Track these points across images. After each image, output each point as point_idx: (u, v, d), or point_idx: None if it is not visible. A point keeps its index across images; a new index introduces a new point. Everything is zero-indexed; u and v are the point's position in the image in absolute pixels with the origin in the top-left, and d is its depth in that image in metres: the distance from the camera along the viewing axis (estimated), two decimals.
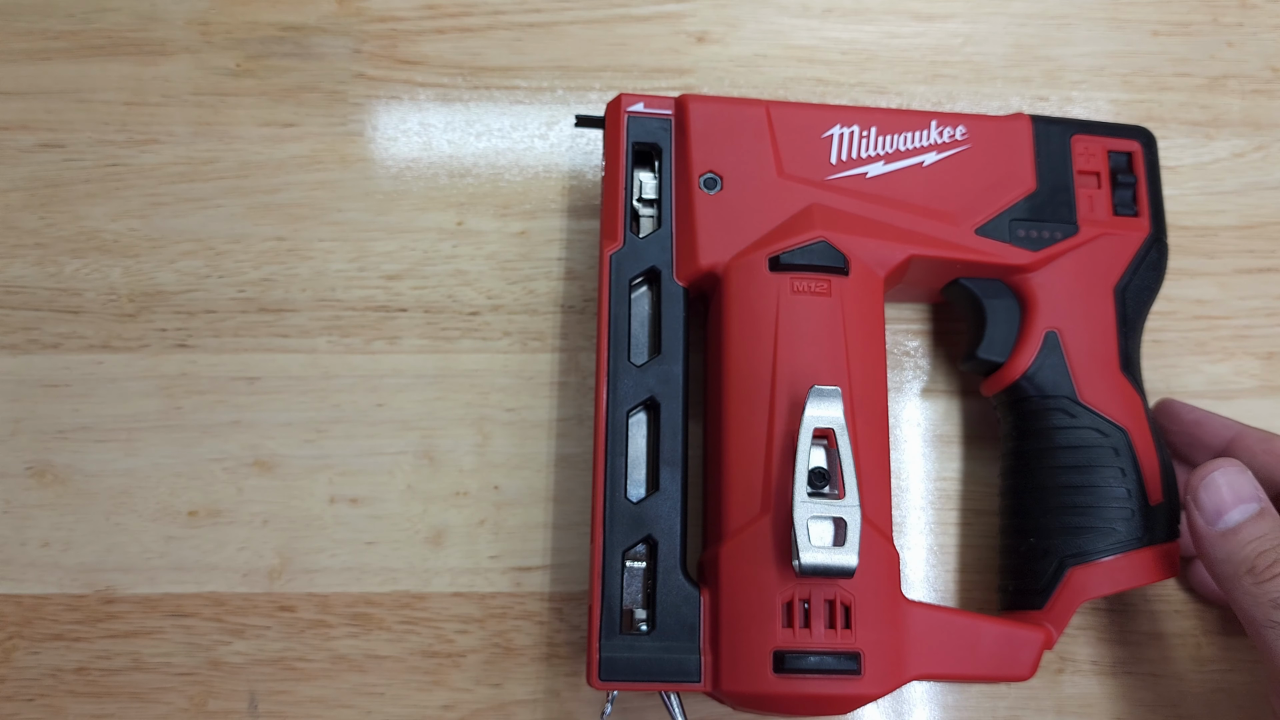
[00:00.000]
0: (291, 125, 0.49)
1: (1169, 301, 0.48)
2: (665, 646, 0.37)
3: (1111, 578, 0.40)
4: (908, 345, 0.48)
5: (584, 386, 0.46)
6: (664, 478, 0.39)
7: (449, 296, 0.47)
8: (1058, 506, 0.40)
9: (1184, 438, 0.44)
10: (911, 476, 0.46)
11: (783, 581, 0.36)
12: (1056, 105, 0.51)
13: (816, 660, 0.35)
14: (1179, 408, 0.44)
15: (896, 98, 0.50)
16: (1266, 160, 0.50)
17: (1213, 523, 0.37)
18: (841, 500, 0.35)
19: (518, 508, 0.45)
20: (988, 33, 0.52)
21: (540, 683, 0.43)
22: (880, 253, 0.41)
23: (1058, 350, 0.41)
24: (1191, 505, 0.37)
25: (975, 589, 0.45)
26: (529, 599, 0.44)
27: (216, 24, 0.50)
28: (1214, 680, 0.44)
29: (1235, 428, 0.43)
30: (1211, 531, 0.37)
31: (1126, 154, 0.44)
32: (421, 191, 0.48)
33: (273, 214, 0.48)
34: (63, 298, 0.47)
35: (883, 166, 0.42)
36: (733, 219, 0.41)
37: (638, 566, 0.38)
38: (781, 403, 0.38)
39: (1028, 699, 0.44)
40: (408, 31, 0.50)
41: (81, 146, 0.48)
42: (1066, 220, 0.42)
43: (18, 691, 0.43)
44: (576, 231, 0.48)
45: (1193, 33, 0.52)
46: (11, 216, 0.47)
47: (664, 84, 0.50)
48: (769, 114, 0.42)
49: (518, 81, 0.50)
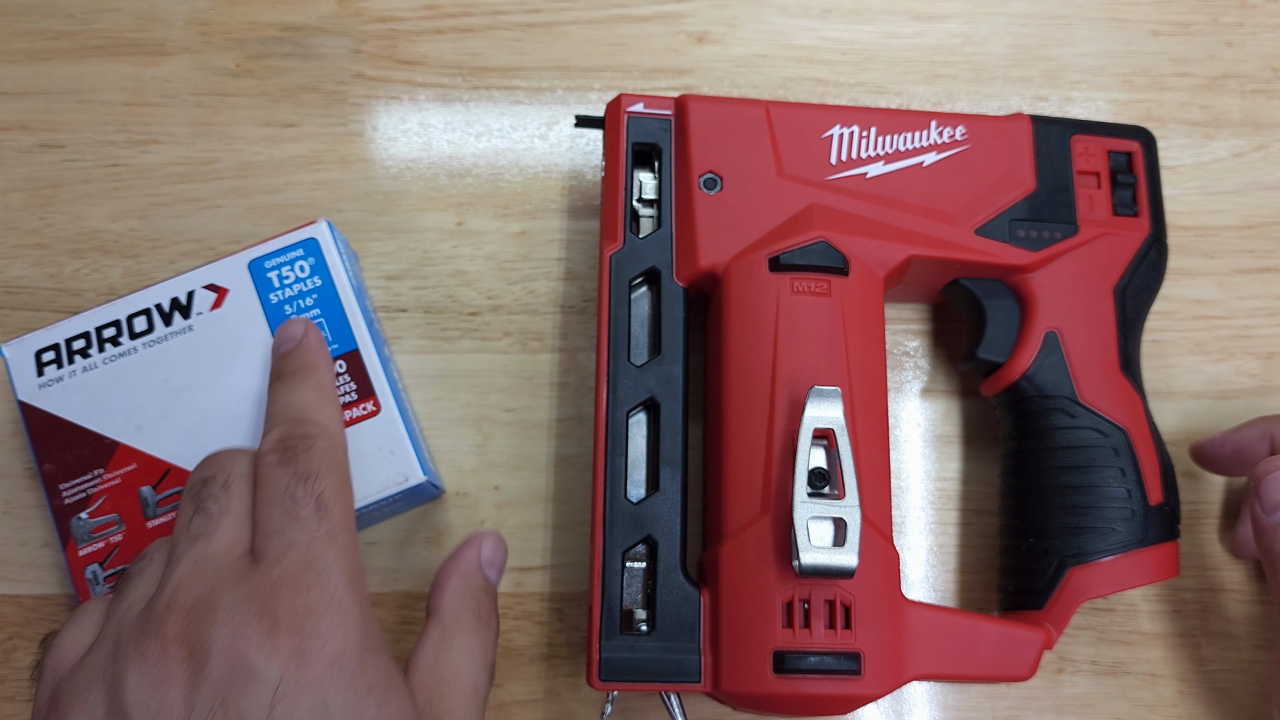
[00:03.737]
0: (291, 125, 0.49)
1: (1169, 301, 0.48)
2: (665, 647, 0.37)
3: (1111, 578, 0.40)
4: (908, 345, 0.48)
5: (584, 386, 0.46)
6: (664, 478, 0.39)
7: (449, 297, 0.47)
8: (1057, 506, 0.40)
9: (1232, 466, 0.44)
10: (911, 476, 0.46)
11: (783, 582, 0.36)
12: (1056, 105, 0.51)
13: (816, 660, 0.35)
14: (1210, 447, 0.44)
15: (896, 98, 0.50)
16: (1266, 160, 0.50)
17: (1270, 513, 0.39)
18: (841, 500, 0.35)
19: (518, 508, 0.45)
20: (988, 33, 0.52)
21: (540, 683, 0.43)
22: (880, 253, 0.41)
23: (1057, 350, 0.41)
24: (1253, 493, 0.39)
25: (975, 589, 0.45)
26: (529, 599, 0.44)
27: (216, 24, 0.50)
28: (1214, 680, 0.44)
29: (1268, 425, 0.42)
30: (1269, 522, 0.39)
31: (1126, 154, 0.44)
32: (421, 192, 0.48)
33: (273, 214, 0.48)
34: (63, 298, 0.47)
35: (883, 167, 0.42)
36: (733, 219, 0.41)
37: (638, 567, 0.38)
38: (781, 403, 0.38)
39: (1028, 699, 0.44)
40: (408, 31, 0.50)
41: (81, 146, 0.48)
42: (1066, 220, 0.42)
43: (18, 692, 0.43)
44: (576, 232, 0.48)
45: (1193, 33, 0.52)
46: (11, 216, 0.47)
47: (664, 84, 0.50)
48: (769, 114, 0.42)
49: (518, 81, 0.50)
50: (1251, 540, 0.43)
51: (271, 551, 0.32)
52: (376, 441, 0.40)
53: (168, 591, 0.32)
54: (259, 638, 0.30)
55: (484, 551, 0.38)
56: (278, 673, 0.30)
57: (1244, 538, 0.45)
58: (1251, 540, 0.43)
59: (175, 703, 0.30)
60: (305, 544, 0.32)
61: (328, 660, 0.30)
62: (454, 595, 0.37)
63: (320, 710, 0.30)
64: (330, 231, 0.42)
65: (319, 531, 0.33)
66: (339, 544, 0.33)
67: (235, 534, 0.33)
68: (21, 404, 0.40)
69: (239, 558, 0.33)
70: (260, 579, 0.31)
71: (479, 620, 0.36)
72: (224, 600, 0.31)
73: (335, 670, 0.30)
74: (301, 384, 0.38)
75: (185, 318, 0.41)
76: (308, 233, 0.42)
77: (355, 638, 0.31)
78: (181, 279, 0.41)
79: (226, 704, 0.29)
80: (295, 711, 0.29)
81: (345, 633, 0.31)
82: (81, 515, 0.40)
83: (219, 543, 0.33)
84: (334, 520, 0.33)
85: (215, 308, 0.41)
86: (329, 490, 0.34)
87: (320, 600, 0.31)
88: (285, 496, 0.33)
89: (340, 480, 0.35)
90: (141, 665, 0.30)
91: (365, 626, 0.32)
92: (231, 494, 0.34)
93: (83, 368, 0.40)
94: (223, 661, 0.30)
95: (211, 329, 0.41)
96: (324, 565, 0.32)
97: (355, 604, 0.32)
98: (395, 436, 0.40)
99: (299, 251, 0.42)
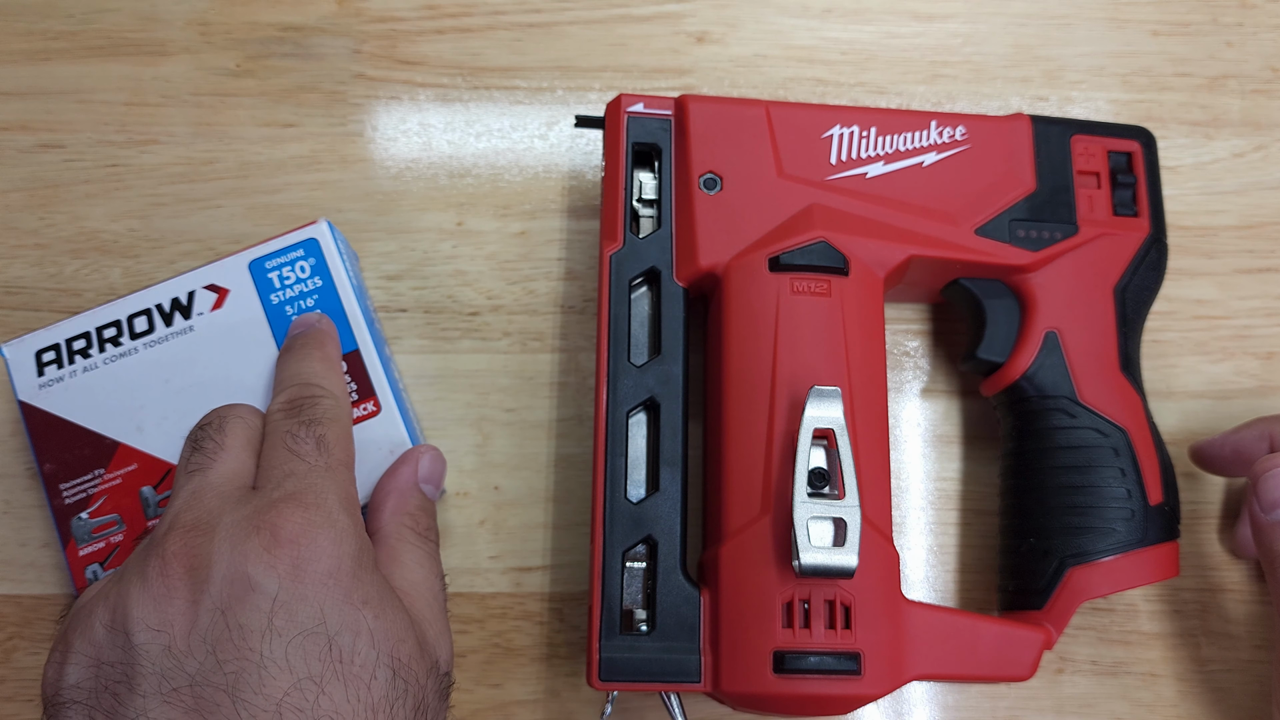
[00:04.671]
0: (291, 125, 0.49)
1: (1169, 301, 0.48)
2: (665, 647, 0.37)
3: (1111, 578, 0.40)
4: (908, 345, 0.48)
5: (584, 386, 0.46)
6: (664, 478, 0.39)
7: (449, 297, 0.47)
8: (1058, 506, 0.40)
9: (1232, 468, 0.44)
10: (911, 476, 0.46)
11: (783, 582, 0.36)
12: (1056, 105, 0.51)
13: (816, 660, 0.35)
14: (1209, 449, 0.44)
15: (896, 98, 0.50)
16: (1266, 160, 0.50)
17: (1268, 511, 0.39)
18: (841, 500, 0.35)
19: (518, 508, 0.45)
20: (987, 33, 0.52)
21: (540, 683, 0.43)
22: (880, 253, 0.41)
23: (1057, 350, 0.41)
24: (1252, 492, 0.39)
25: (975, 589, 0.45)
26: (529, 599, 0.44)
27: (216, 24, 0.50)
28: (1214, 680, 0.44)
29: (1267, 425, 0.42)
30: (1267, 520, 0.39)
31: (1126, 154, 0.44)
32: (421, 192, 0.48)
33: (273, 214, 0.48)
34: (63, 298, 0.47)
35: (882, 167, 0.42)
36: (732, 219, 0.41)
37: (638, 567, 0.38)
38: (781, 403, 0.38)
39: (1027, 699, 0.44)
40: (407, 32, 0.50)
41: (81, 147, 0.48)
42: (1066, 220, 0.42)
43: (18, 692, 0.43)
44: (576, 232, 0.48)
45: (1193, 33, 0.52)
46: (11, 216, 0.47)
47: (664, 84, 0.50)
48: (769, 114, 0.42)
49: (518, 82, 0.50)
50: (1251, 540, 0.43)
51: (271, 479, 0.34)
52: (376, 441, 0.40)
53: (168, 518, 0.33)
54: (258, 551, 0.31)
55: (421, 469, 0.39)
56: (276, 584, 0.31)
57: (1243, 538, 0.45)
58: (1251, 540, 0.43)
59: (176, 616, 0.30)
60: (304, 473, 0.34)
61: (324, 573, 0.31)
62: (392, 515, 0.38)
63: (318, 620, 0.31)
64: (330, 232, 0.42)
65: (318, 464, 0.34)
66: (337, 476, 0.34)
67: (232, 467, 0.35)
68: (22, 404, 0.40)
69: (238, 488, 0.34)
70: (259, 501, 0.33)
71: (420, 536, 0.37)
72: (223, 520, 0.32)
73: (332, 583, 0.31)
74: (310, 355, 0.39)
75: (186, 318, 0.41)
76: (308, 233, 0.42)
77: (350, 554, 0.32)
78: (182, 279, 0.41)
79: (227, 615, 0.30)
80: (294, 621, 0.30)
81: (341, 549, 0.32)
82: (82, 515, 0.40)
83: (216, 474, 0.34)
84: (333, 457, 0.35)
85: (216, 308, 0.41)
86: (330, 435, 0.36)
87: (318, 519, 0.32)
88: (288, 436, 0.35)
89: (342, 431, 0.36)
90: (143, 583, 0.31)
91: (360, 545, 0.33)
92: (226, 433, 0.35)
93: (83, 368, 0.40)
94: (222, 575, 0.31)
95: (212, 329, 0.41)
96: (321, 490, 0.33)
97: (350, 525, 0.33)
98: (395, 436, 0.40)
99: (299, 252, 0.42)
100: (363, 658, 0.31)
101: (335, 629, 0.31)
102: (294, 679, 0.29)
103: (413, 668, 0.32)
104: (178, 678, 0.29)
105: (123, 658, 0.30)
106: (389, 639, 0.32)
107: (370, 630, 0.31)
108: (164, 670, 0.30)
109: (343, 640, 0.31)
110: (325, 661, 0.30)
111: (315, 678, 0.30)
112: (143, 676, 0.30)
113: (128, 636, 0.30)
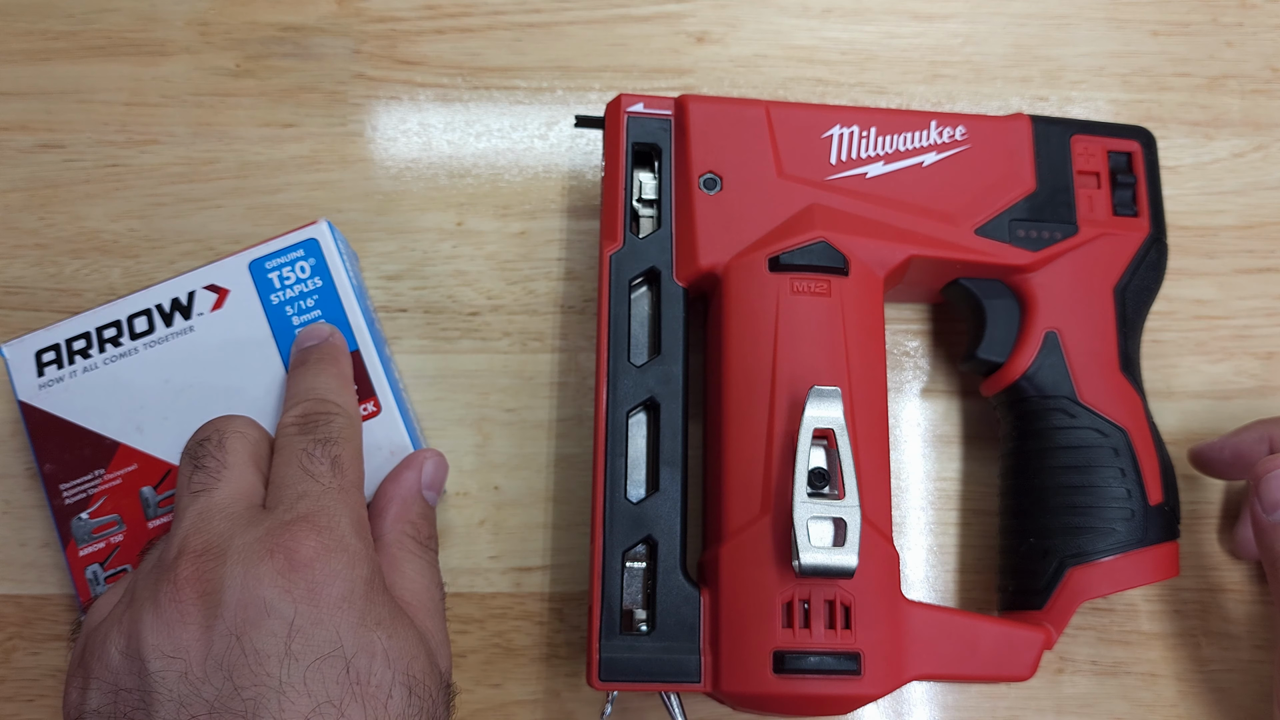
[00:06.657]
0: (291, 125, 0.49)
1: (1169, 301, 0.48)
2: (665, 647, 0.37)
3: (1111, 578, 0.40)
4: (908, 345, 0.48)
5: (584, 386, 0.46)
6: (664, 478, 0.39)
7: (449, 297, 0.47)
8: (1057, 506, 0.40)
9: (1231, 470, 0.43)
10: (911, 476, 0.46)
11: (783, 582, 0.36)
12: (1056, 105, 0.51)
13: (816, 660, 0.35)
14: (1209, 452, 0.44)
15: (896, 98, 0.50)
16: (1266, 160, 0.50)
17: (1270, 512, 0.39)
18: (841, 500, 0.35)
19: (518, 508, 0.45)
20: (987, 33, 0.52)
21: (540, 683, 0.43)
22: (880, 253, 0.41)
23: (1057, 350, 0.41)
24: (1253, 492, 0.39)
25: (975, 589, 0.45)
26: (529, 599, 0.44)
27: (216, 24, 0.50)
28: (1214, 680, 0.44)
29: (1266, 428, 0.42)
30: (1269, 521, 0.39)
31: (1126, 154, 0.44)
32: (421, 192, 0.48)
33: (273, 214, 0.48)
34: (63, 298, 0.47)
35: (882, 167, 0.42)
36: (732, 219, 0.41)
37: (638, 567, 0.38)
38: (781, 403, 0.38)
39: (1027, 699, 0.44)
40: (407, 32, 0.50)
41: (81, 147, 0.48)
42: (1066, 220, 0.42)
43: (18, 692, 0.43)
44: (576, 232, 0.48)
45: (1192, 33, 0.52)
46: (11, 216, 0.47)
47: (664, 84, 0.50)
48: (769, 114, 0.42)
49: (517, 82, 0.50)
50: (1251, 541, 0.43)
51: (284, 500, 0.34)
52: (377, 441, 0.40)
53: (176, 542, 0.33)
54: (272, 575, 0.31)
55: (424, 474, 0.39)
56: (292, 609, 0.31)
57: (1244, 539, 0.45)
58: (1251, 541, 0.43)
59: (190, 642, 0.30)
60: (318, 494, 0.34)
61: (339, 597, 0.32)
62: (394, 523, 0.38)
63: (335, 643, 0.31)
64: (331, 232, 0.42)
65: (331, 485, 0.34)
66: (349, 499, 0.34)
67: (237, 486, 0.34)
68: (22, 404, 0.40)
69: (247, 507, 0.34)
70: (272, 523, 0.33)
71: (422, 546, 0.38)
72: (234, 544, 0.32)
73: (346, 606, 0.32)
74: (325, 370, 0.39)
75: (186, 318, 0.41)
76: (308, 233, 0.42)
77: (364, 578, 0.33)
78: (182, 279, 0.41)
79: (242, 640, 0.30)
80: (311, 645, 0.30)
81: (354, 572, 0.32)
82: (82, 515, 0.40)
83: (221, 494, 0.34)
84: (346, 479, 0.35)
85: (216, 308, 0.41)
86: (345, 455, 0.36)
87: (331, 542, 0.32)
88: (302, 454, 0.35)
89: (355, 451, 0.37)
90: (155, 609, 0.31)
91: (371, 569, 0.33)
92: (227, 450, 0.35)
93: (83, 368, 0.40)
94: (236, 600, 0.31)
95: (212, 329, 0.41)
96: (335, 513, 0.33)
97: (363, 549, 0.33)
98: (395, 436, 0.40)
99: (299, 252, 0.42)
100: (379, 678, 0.31)
101: (352, 652, 0.31)
102: (313, 703, 0.29)
103: (426, 684, 0.32)
104: (195, 705, 0.29)
105: (139, 684, 0.30)
106: (403, 658, 0.32)
107: (385, 650, 0.31)
108: (181, 697, 0.30)
109: (359, 663, 0.31)
110: (343, 685, 0.30)
111: (335, 701, 0.30)
112: (160, 703, 0.30)
113: (143, 663, 0.30)
